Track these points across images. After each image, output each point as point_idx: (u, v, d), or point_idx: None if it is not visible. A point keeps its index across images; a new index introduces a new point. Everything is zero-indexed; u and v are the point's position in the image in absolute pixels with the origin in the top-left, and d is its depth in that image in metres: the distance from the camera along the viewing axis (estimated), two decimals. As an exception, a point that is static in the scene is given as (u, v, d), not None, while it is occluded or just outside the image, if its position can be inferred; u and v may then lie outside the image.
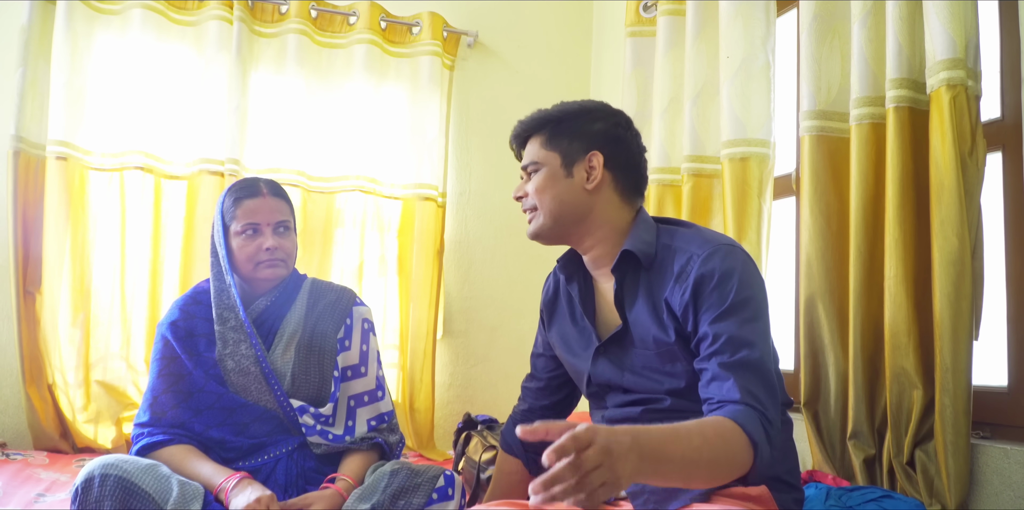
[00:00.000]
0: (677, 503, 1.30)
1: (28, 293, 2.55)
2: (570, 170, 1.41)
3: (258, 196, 1.77)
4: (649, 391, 1.37)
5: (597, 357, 1.44)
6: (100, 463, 1.49)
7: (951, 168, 1.55)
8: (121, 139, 2.70)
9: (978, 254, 1.57)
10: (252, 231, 1.75)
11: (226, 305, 1.75)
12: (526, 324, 3.17)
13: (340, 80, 2.97)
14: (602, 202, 1.41)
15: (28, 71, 2.57)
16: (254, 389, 1.72)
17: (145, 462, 1.53)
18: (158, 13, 2.76)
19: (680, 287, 1.31)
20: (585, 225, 1.42)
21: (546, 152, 1.43)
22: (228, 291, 1.75)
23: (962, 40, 1.56)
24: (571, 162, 1.41)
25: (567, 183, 1.41)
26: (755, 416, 1.17)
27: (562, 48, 3.40)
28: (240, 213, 1.75)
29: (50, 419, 2.53)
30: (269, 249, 1.75)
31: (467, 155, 3.22)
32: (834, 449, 1.84)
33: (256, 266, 1.76)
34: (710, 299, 1.27)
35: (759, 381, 1.21)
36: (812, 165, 1.93)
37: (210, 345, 1.75)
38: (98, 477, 1.45)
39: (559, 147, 1.42)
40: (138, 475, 1.47)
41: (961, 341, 1.53)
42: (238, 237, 1.75)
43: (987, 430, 1.63)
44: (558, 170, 1.41)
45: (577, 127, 1.42)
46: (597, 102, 1.48)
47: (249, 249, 1.75)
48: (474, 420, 2.32)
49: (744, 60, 2.19)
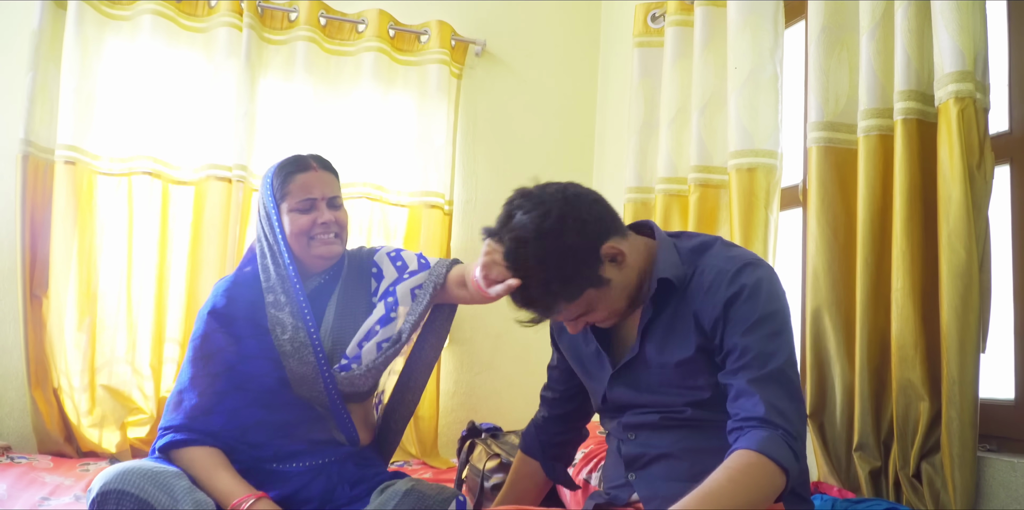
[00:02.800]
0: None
1: (35, 297, 2.56)
2: (603, 282, 1.32)
3: (309, 170, 1.69)
4: (668, 405, 1.38)
5: (613, 382, 1.44)
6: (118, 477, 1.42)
7: (959, 181, 1.55)
8: (129, 144, 2.71)
9: (986, 267, 1.57)
10: (307, 206, 1.67)
11: (281, 289, 1.66)
12: (531, 332, 3.15)
13: (348, 87, 2.98)
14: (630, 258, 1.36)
15: (38, 75, 2.58)
16: (310, 378, 1.63)
17: (163, 476, 1.45)
18: (168, 19, 2.78)
19: (710, 303, 1.31)
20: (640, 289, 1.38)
21: (579, 302, 1.33)
22: (283, 273, 1.66)
23: (971, 53, 1.57)
24: (597, 282, 1.32)
25: (612, 288, 1.34)
26: (779, 438, 1.19)
27: (570, 57, 3.41)
28: (293, 188, 1.66)
29: (55, 423, 2.53)
30: (325, 223, 1.67)
31: (474, 163, 3.23)
32: (840, 461, 1.83)
33: (310, 242, 1.67)
34: (738, 313, 1.28)
35: (785, 394, 1.23)
36: (819, 176, 1.93)
37: (256, 330, 1.65)
38: (114, 493, 1.39)
39: (578, 292, 1.32)
40: (154, 495, 1.41)
41: (968, 353, 1.53)
42: (291, 213, 1.66)
43: (993, 443, 1.63)
44: (601, 293, 1.33)
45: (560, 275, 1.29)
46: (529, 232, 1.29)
47: (303, 223, 1.66)
48: (478, 428, 2.31)
49: (752, 71, 2.19)
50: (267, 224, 1.69)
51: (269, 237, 1.69)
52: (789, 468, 1.18)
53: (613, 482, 1.47)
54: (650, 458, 1.39)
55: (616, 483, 1.45)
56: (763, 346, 1.26)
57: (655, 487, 1.36)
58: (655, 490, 1.36)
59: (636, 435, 1.42)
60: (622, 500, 1.43)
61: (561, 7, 3.41)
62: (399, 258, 1.78)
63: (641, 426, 1.41)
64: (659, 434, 1.38)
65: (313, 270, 1.73)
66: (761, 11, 2.22)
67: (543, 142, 3.32)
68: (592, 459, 2.04)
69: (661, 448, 1.37)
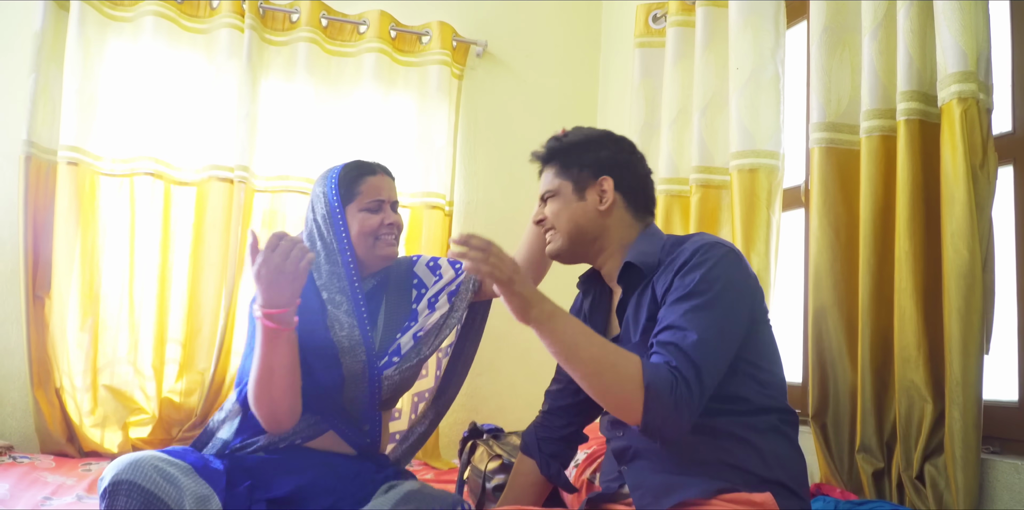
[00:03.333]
0: (673, 499, 1.32)
1: (37, 297, 2.56)
2: (582, 194, 1.52)
3: (377, 173, 1.75)
4: None
5: None
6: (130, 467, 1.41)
7: (962, 181, 1.55)
8: (132, 145, 2.71)
9: (989, 267, 1.57)
10: (376, 207, 1.71)
11: (338, 287, 1.68)
12: (532, 333, 3.17)
13: (349, 88, 2.98)
14: (614, 222, 1.51)
15: (40, 77, 2.59)
16: (359, 377, 1.65)
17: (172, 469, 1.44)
18: (170, 20, 2.78)
19: (667, 275, 1.39)
20: (599, 243, 1.52)
21: (560, 180, 1.54)
22: (340, 272, 1.68)
23: (973, 53, 1.57)
24: (583, 187, 1.52)
25: (580, 206, 1.51)
26: (666, 372, 1.25)
27: (571, 58, 3.41)
28: (365, 189, 1.71)
29: (57, 423, 2.53)
30: (392, 224, 1.72)
31: (474, 164, 3.22)
32: (842, 462, 1.83)
33: (375, 242, 1.71)
34: (680, 282, 1.36)
35: (687, 362, 1.26)
36: (822, 177, 1.93)
37: (319, 325, 1.65)
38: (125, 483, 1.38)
39: (570, 175, 1.53)
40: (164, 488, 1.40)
41: (971, 354, 1.52)
42: (361, 213, 1.70)
43: (997, 444, 1.62)
44: (571, 195, 1.52)
45: (585, 155, 1.53)
46: (602, 131, 1.59)
47: (372, 223, 1.70)
48: (480, 429, 2.31)
49: (753, 71, 2.19)
50: (327, 223, 1.70)
51: (327, 236, 1.70)
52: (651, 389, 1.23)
53: (608, 476, 1.53)
54: (635, 451, 1.43)
55: (610, 477, 1.51)
56: (678, 320, 1.31)
57: (642, 477, 1.40)
58: (642, 480, 1.40)
59: (624, 432, 1.47)
60: (613, 490, 1.48)
61: (562, 8, 3.41)
62: (437, 267, 1.85)
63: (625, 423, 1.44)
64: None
65: (367, 271, 1.76)
66: (762, 11, 2.21)
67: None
68: (595, 459, 2.04)
69: (643, 446, 1.41)
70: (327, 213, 1.71)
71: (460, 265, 1.85)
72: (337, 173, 1.74)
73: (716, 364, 1.30)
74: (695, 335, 1.28)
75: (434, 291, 1.82)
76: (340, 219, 1.70)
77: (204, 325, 2.72)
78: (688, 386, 1.25)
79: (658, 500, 1.34)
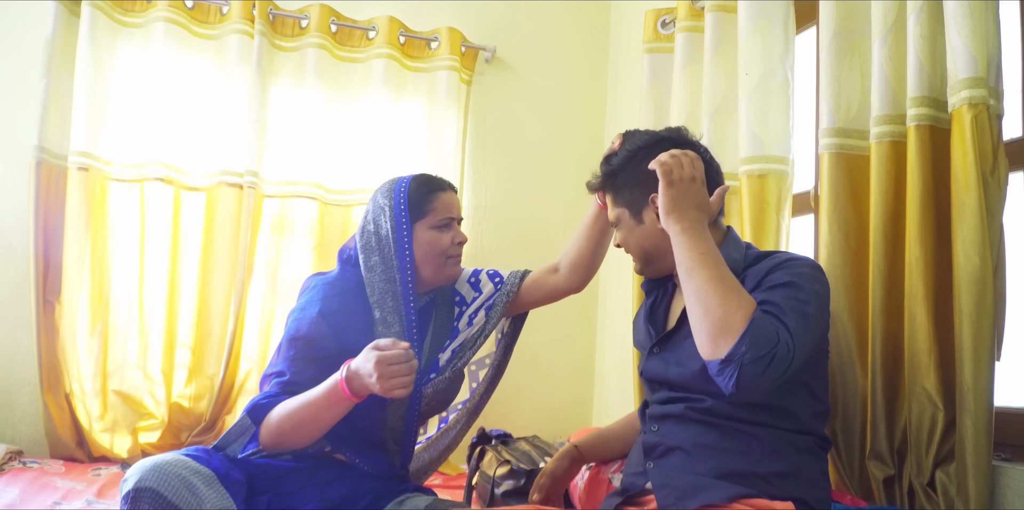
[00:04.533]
0: (698, 501, 1.32)
1: (47, 302, 2.57)
2: (640, 218, 1.54)
3: (448, 190, 1.72)
4: (693, 389, 1.43)
5: (651, 354, 1.56)
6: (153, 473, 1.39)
7: (973, 187, 1.54)
8: (142, 150, 2.73)
9: (1000, 273, 1.56)
10: (447, 224, 1.68)
11: (392, 307, 1.63)
12: (540, 338, 3.16)
13: (358, 94, 2.99)
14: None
15: (52, 82, 2.61)
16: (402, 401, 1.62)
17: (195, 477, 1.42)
18: (180, 26, 2.80)
19: (754, 277, 1.41)
20: (672, 257, 1.44)
21: (617, 209, 1.57)
22: (396, 291, 1.63)
23: (983, 59, 1.56)
24: (638, 211, 1.54)
25: (641, 230, 1.54)
26: (774, 324, 1.26)
27: (579, 64, 3.41)
28: (437, 206, 1.67)
29: (67, 428, 2.54)
30: (462, 243, 1.70)
31: (483, 169, 3.23)
32: (852, 469, 1.82)
33: (446, 261, 1.68)
34: (770, 278, 1.37)
35: (787, 334, 1.26)
36: (831, 182, 1.92)
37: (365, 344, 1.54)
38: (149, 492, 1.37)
39: (624, 201, 1.56)
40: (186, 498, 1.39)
41: (982, 361, 1.51)
42: (432, 230, 1.67)
43: (1009, 451, 1.61)
44: (630, 221, 1.55)
45: (632, 176, 1.54)
46: (646, 138, 1.57)
47: (444, 242, 1.67)
48: (488, 435, 2.31)
49: (762, 77, 2.19)
50: (391, 240, 1.65)
51: (388, 252, 1.65)
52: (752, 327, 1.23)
53: (633, 469, 1.52)
54: (665, 448, 1.43)
55: (635, 470, 1.50)
56: (782, 302, 1.31)
57: (669, 477, 1.39)
58: (668, 479, 1.39)
59: (659, 427, 1.47)
60: (637, 487, 1.47)
61: (571, 13, 3.41)
62: (478, 282, 1.83)
63: (665, 417, 1.46)
64: (680, 427, 1.43)
65: (421, 289, 1.72)
66: (772, 17, 2.21)
67: (553, 148, 3.33)
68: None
69: (678, 441, 1.41)
70: (392, 228, 1.65)
71: (500, 279, 1.82)
72: (406, 187, 1.68)
73: (804, 353, 1.29)
74: (792, 321, 1.28)
75: (474, 308, 1.80)
76: (407, 237, 1.64)
77: (213, 330, 2.73)
78: (788, 348, 1.24)
79: (681, 501, 1.33)
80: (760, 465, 1.34)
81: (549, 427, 3.03)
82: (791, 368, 1.25)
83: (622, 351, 3.00)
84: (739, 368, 1.22)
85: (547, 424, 3.05)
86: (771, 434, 1.36)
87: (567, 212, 3.25)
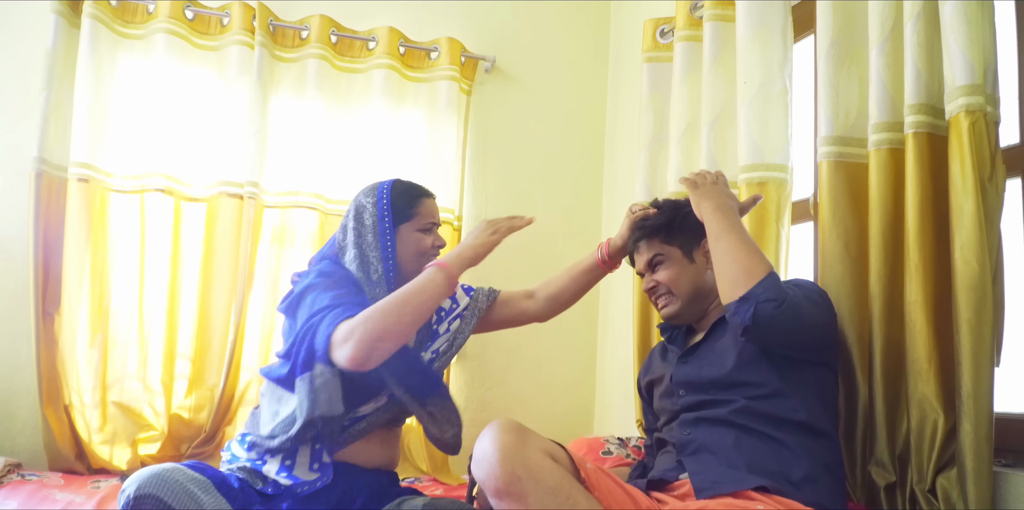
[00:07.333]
0: (731, 487, 1.41)
1: (47, 313, 2.57)
2: (691, 257, 1.73)
3: (431, 196, 1.86)
4: (728, 385, 1.56)
5: (679, 364, 1.69)
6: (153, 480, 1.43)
7: (971, 193, 1.54)
8: (142, 161, 2.73)
9: (999, 279, 1.56)
10: (430, 228, 1.82)
11: (375, 297, 1.73)
12: (543, 347, 3.16)
13: (359, 104, 3.00)
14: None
15: (52, 94, 2.61)
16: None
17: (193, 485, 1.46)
18: (181, 38, 2.81)
19: None
20: (710, 298, 1.73)
21: (667, 247, 1.74)
22: (382, 284, 1.75)
23: (981, 66, 1.57)
24: (690, 250, 1.73)
25: (693, 268, 1.73)
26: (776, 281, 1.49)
27: (579, 73, 3.42)
28: (423, 210, 1.82)
29: (66, 440, 2.53)
30: (440, 246, 1.83)
31: (483, 179, 3.23)
32: (854, 476, 1.81)
33: (423, 261, 1.79)
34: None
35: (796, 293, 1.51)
36: (830, 190, 1.92)
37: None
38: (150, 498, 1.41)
39: (676, 241, 1.74)
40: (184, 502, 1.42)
41: (982, 367, 1.51)
42: (416, 232, 1.81)
43: (1010, 457, 1.61)
44: (682, 259, 1.73)
45: (685, 221, 1.74)
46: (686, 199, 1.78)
47: (425, 244, 1.81)
48: (489, 444, 2.30)
49: (761, 85, 2.19)
50: (374, 236, 1.77)
51: (371, 253, 1.76)
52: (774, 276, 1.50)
53: (666, 466, 1.59)
54: (698, 446, 1.53)
55: (668, 467, 1.58)
56: (792, 290, 1.53)
57: (704, 465, 1.49)
58: (703, 467, 1.49)
59: (691, 431, 1.56)
60: (672, 478, 1.55)
61: (570, 23, 3.43)
62: (454, 294, 1.92)
63: (699, 421, 1.56)
64: (712, 430, 1.53)
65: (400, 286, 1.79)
66: (770, 25, 2.22)
67: (553, 158, 3.33)
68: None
69: (711, 443, 1.51)
70: (374, 224, 1.77)
71: (472, 292, 1.96)
72: (388, 190, 1.80)
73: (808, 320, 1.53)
74: (798, 294, 1.52)
75: (453, 315, 1.89)
76: (390, 235, 1.77)
77: (214, 341, 2.72)
78: (796, 302, 1.48)
79: (717, 485, 1.43)
80: (788, 468, 1.45)
81: (550, 435, 2.98)
82: (798, 324, 1.48)
83: (623, 359, 2.99)
84: (755, 305, 1.44)
85: (548, 432, 2.99)
86: (799, 444, 1.49)
87: (567, 222, 3.26)
